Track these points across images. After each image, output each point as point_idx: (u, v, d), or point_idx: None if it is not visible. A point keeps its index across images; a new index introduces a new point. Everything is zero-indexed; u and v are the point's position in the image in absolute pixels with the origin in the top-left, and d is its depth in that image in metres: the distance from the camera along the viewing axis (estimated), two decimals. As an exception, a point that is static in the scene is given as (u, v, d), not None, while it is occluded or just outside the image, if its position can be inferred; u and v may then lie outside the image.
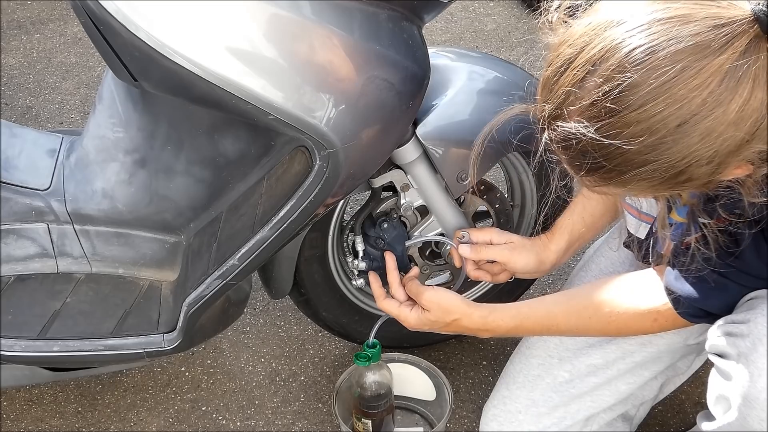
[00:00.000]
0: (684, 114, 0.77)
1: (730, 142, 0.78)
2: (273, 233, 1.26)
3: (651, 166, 0.81)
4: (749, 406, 0.95)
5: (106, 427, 1.60)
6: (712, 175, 0.82)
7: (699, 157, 0.79)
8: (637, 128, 0.79)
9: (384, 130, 1.20)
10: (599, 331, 1.19)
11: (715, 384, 1.02)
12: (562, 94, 0.84)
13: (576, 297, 1.19)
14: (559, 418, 1.30)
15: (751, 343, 0.96)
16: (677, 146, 0.79)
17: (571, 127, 0.82)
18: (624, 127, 0.80)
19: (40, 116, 2.50)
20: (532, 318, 1.20)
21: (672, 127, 0.78)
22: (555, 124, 0.85)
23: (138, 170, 1.34)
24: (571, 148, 0.85)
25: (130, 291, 1.38)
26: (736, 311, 1.02)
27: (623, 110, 0.79)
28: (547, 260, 1.37)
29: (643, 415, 1.40)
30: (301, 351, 1.75)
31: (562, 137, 0.84)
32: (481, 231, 1.38)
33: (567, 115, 0.83)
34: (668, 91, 0.77)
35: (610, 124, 0.80)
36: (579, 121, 0.82)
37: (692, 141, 0.78)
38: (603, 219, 1.37)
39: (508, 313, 1.22)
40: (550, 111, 0.86)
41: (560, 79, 0.84)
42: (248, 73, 1.07)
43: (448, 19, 2.94)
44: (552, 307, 1.20)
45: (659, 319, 1.11)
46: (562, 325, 1.18)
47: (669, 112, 0.78)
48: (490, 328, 1.22)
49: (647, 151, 0.80)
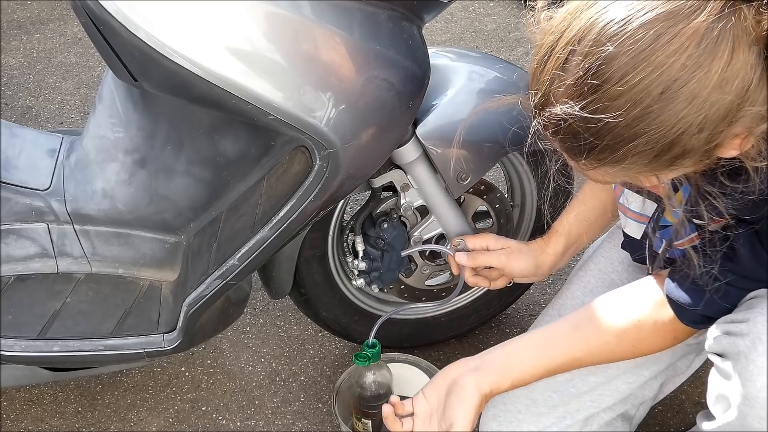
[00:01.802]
0: (665, 80, 0.77)
1: (719, 106, 0.78)
2: (273, 233, 1.26)
3: (642, 139, 0.81)
4: (749, 405, 0.95)
5: (106, 427, 1.60)
6: (707, 144, 0.81)
7: (689, 124, 0.79)
8: (621, 100, 0.79)
9: (384, 130, 1.20)
10: (624, 359, 1.18)
11: (714, 383, 1.02)
12: (547, 80, 0.85)
13: (593, 336, 1.15)
14: (558, 417, 1.30)
15: (750, 341, 0.96)
16: (664, 114, 0.79)
17: (559, 110, 0.83)
18: (609, 100, 0.80)
19: (40, 116, 2.50)
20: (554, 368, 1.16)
21: (656, 95, 0.78)
22: (544, 110, 0.86)
23: (138, 170, 1.34)
24: (561, 132, 0.85)
25: (130, 291, 1.38)
26: (736, 311, 1.02)
27: (605, 84, 0.79)
28: (544, 264, 1.37)
29: (643, 415, 1.40)
30: (301, 351, 1.75)
31: (552, 122, 0.85)
32: (478, 237, 1.39)
33: (554, 99, 0.84)
34: (647, 59, 0.78)
35: (594, 100, 0.80)
36: (565, 102, 0.82)
37: (678, 108, 0.78)
38: (599, 222, 1.37)
39: (529, 373, 1.15)
40: (539, 98, 0.86)
41: (545, 66, 0.85)
42: (248, 73, 1.07)
43: (448, 19, 2.94)
44: (572, 350, 1.15)
45: (679, 336, 1.11)
46: (586, 363, 1.17)
47: (650, 80, 0.78)
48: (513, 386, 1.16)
49: (635, 123, 0.80)
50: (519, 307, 1.83)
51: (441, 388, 1.15)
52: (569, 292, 1.39)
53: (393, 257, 1.49)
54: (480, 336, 1.78)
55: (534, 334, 1.19)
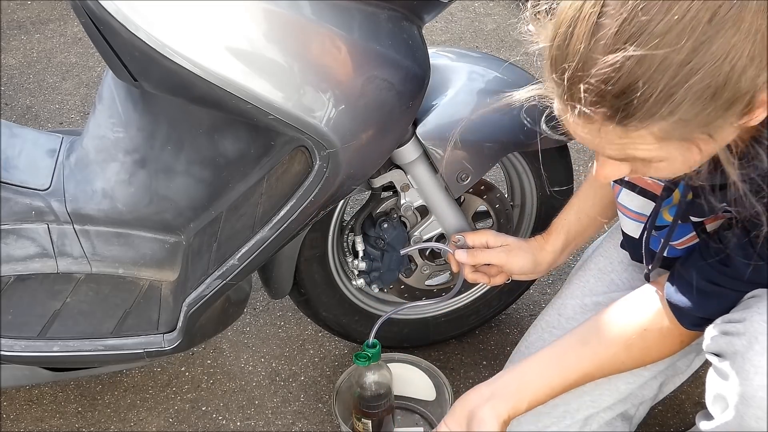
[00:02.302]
0: (710, 5, 0.77)
1: (762, 32, 0.78)
2: (273, 233, 1.26)
3: (699, 76, 0.78)
4: (746, 404, 0.95)
5: (106, 427, 1.60)
6: (755, 81, 0.80)
7: (740, 51, 0.78)
8: (672, 34, 0.78)
9: (384, 130, 1.20)
10: (634, 368, 1.20)
11: (712, 383, 1.02)
12: (582, 41, 0.82)
13: (602, 349, 1.15)
14: (558, 417, 1.30)
15: (747, 341, 0.96)
16: (717, 43, 0.78)
17: (609, 60, 0.80)
18: (660, 36, 0.78)
19: (40, 116, 2.50)
20: (568, 385, 1.17)
21: (705, 22, 0.77)
22: (587, 74, 0.82)
23: (138, 170, 1.34)
24: (612, 90, 0.81)
25: (130, 291, 1.38)
26: (733, 311, 1.03)
27: (653, 20, 0.78)
28: (543, 261, 1.37)
29: (643, 415, 1.40)
30: (301, 351, 1.75)
31: (601, 80, 0.81)
32: (477, 234, 1.39)
33: (597, 56, 0.81)
34: None
35: (646, 39, 0.78)
36: (614, 50, 0.79)
37: (729, 34, 0.77)
38: (599, 219, 1.37)
39: (544, 393, 1.16)
40: (576, 66, 0.83)
41: (572, 37, 0.83)
42: (248, 73, 1.07)
43: (448, 19, 2.94)
44: (582, 366, 1.16)
45: (685, 341, 1.12)
46: (597, 377, 1.18)
47: (697, 8, 0.77)
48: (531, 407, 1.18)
49: (691, 57, 0.78)
50: (519, 307, 1.83)
51: (461, 419, 1.16)
52: (569, 292, 1.39)
53: (393, 257, 1.49)
54: (480, 336, 1.78)
55: (543, 353, 1.20)
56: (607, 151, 0.89)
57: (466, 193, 1.50)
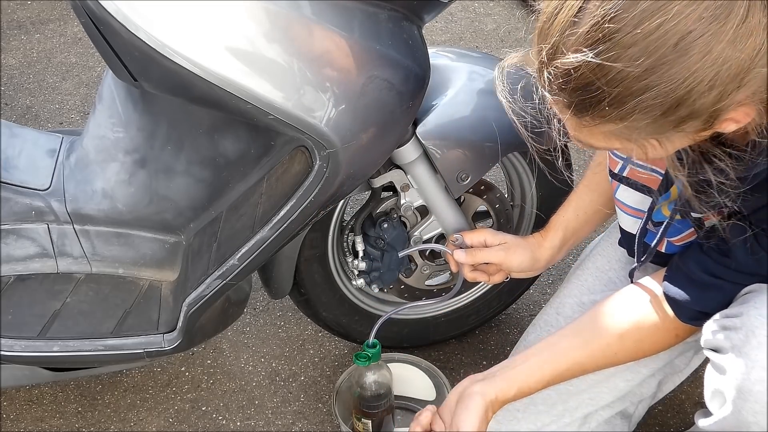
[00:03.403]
0: (681, 30, 0.77)
1: (731, 63, 0.78)
2: (273, 233, 1.26)
3: (652, 93, 0.80)
4: (743, 398, 0.95)
5: (106, 427, 1.60)
6: (714, 105, 0.80)
7: (700, 79, 0.78)
8: (635, 49, 0.78)
9: (384, 130, 1.20)
10: (627, 361, 1.19)
11: (710, 379, 1.02)
12: (558, 30, 0.84)
13: (595, 338, 1.16)
14: (557, 416, 1.30)
15: (744, 335, 0.96)
16: (677, 67, 0.78)
17: (571, 59, 0.82)
18: (623, 48, 0.79)
19: (40, 116, 2.50)
20: (559, 374, 1.17)
21: (670, 45, 0.78)
22: (553, 62, 0.85)
23: (138, 170, 1.34)
24: (570, 83, 0.84)
25: (130, 291, 1.38)
26: (731, 306, 1.03)
27: (620, 31, 0.79)
28: (541, 258, 1.37)
29: (642, 413, 1.40)
30: (301, 351, 1.75)
31: (562, 73, 0.84)
32: (475, 233, 1.38)
33: (565, 49, 0.83)
34: (664, 7, 0.77)
35: (608, 48, 0.80)
36: (578, 50, 0.81)
37: (692, 60, 0.78)
38: (597, 216, 1.37)
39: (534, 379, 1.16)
40: (547, 50, 0.85)
41: (556, 18, 0.84)
42: (248, 73, 1.07)
43: (448, 19, 2.94)
44: (574, 355, 1.16)
45: (680, 335, 1.12)
46: (590, 368, 1.17)
47: (666, 29, 0.77)
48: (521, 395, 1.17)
49: (647, 74, 0.79)
50: (519, 307, 1.83)
51: (452, 404, 1.17)
52: (567, 291, 1.39)
53: (393, 257, 1.49)
54: (480, 336, 1.78)
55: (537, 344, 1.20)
56: (571, 131, 0.91)
57: (466, 193, 1.50)
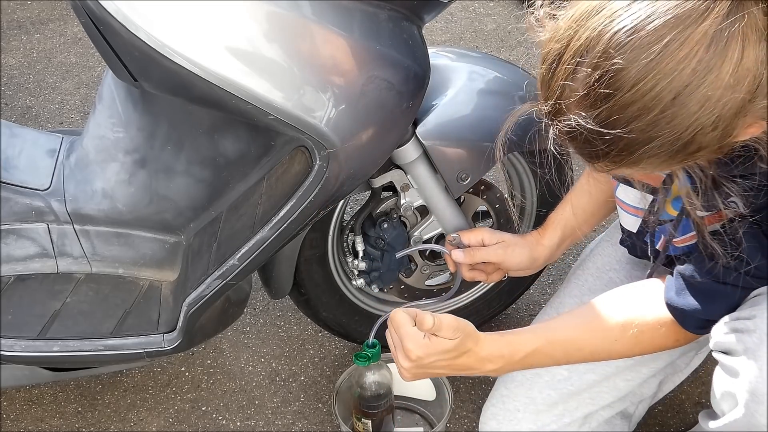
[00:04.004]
0: (676, 86, 0.77)
1: (731, 104, 0.78)
2: (273, 233, 1.26)
3: (657, 143, 0.81)
4: (757, 401, 0.95)
5: (106, 427, 1.60)
6: (722, 139, 0.81)
7: (702, 125, 0.79)
8: (633, 108, 0.79)
9: (384, 130, 1.20)
10: (623, 354, 1.16)
11: (720, 381, 1.01)
12: (557, 89, 0.84)
13: (596, 319, 1.14)
14: (557, 415, 1.30)
15: (758, 338, 0.96)
16: (678, 119, 0.79)
17: (572, 121, 0.83)
18: (620, 110, 0.80)
19: (40, 116, 2.50)
20: (554, 342, 1.14)
21: (667, 101, 0.78)
22: (557, 119, 0.86)
23: (138, 170, 1.34)
24: (576, 140, 0.85)
25: (130, 291, 1.38)
26: (740, 308, 1.02)
27: (616, 93, 0.79)
28: (540, 256, 1.37)
29: (642, 413, 1.40)
30: (301, 351, 1.75)
31: (566, 131, 0.85)
32: (473, 232, 1.38)
33: (566, 109, 0.84)
34: (656, 67, 0.77)
35: (606, 109, 0.80)
36: (577, 113, 0.82)
37: (691, 111, 0.78)
38: (595, 215, 1.37)
39: (524, 336, 1.15)
40: (550, 107, 0.86)
41: (554, 75, 0.85)
42: (248, 73, 1.07)
43: (448, 19, 2.94)
44: (572, 333, 1.15)
45: (681, 339, 1.11)
46: (585, 349, 1.14)
47: (661, 87, 0.78)
48: (505, 353, 1.13)
49: (649, 129, 0.80)
50: (519, 307, 1.83)
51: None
52: (568, 291, 1.39)
53: (393, 257, 1.49)
54: (480, 336, 1.78)
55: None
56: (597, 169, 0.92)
57: (466, 193, 1.50)
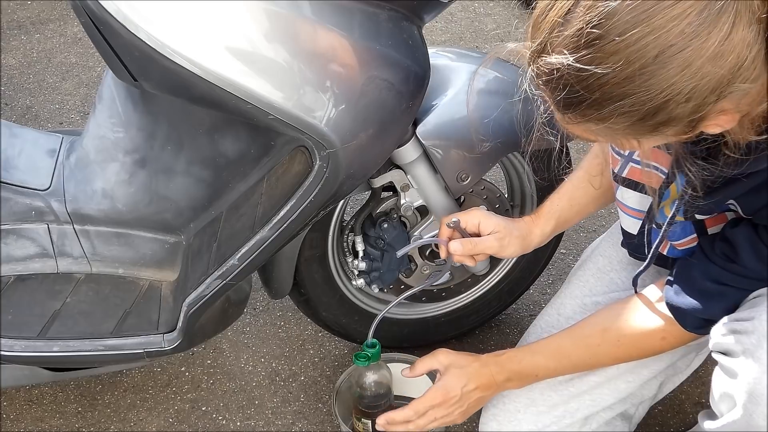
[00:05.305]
0: (662, 43, 0.78)
1: (710, 78, 0.78)
2: (273, 233, 1.26)
3: (629, 100, 0.81)
4: (755, 402, 0.95)
5: (106, 427, 1.60)
6: (692, 115, 0.82)
7: (677, 91, 0.79)
8: (616, 57, 0.79)
9: (384, 130, 1.20)
10: (611, 358, 1.20)
11: (719, 382, 1.02)
12: (547, 28, 0.85)
13: (580, 328, 1.21)
14: (557, 417, 1.30)
15: (756, 339, 0.96)
16: (655, 78, 0.79)
17: (554, 60, 0.83)
18: (604, 55, 0.80)
19: (40, 116, 2.50)
20: (543, 353, 1.22)
21: (650, 57, 0.78)
22: (540, 59, 0.86)
23: (138, 170, 1.34)
24: (553, 82, 0.85)
25: (130, 291, 1.38)
26: (740, 309, 1.02)
27: (603, 38, 0.79)
28: (531, 243, 1.37)
29: (642, 414, 1.41)
30: (301, 351, 1.75)
31: (546, 71, 0.85)
32: (469, 214, 1.36)
33: (551, 48, 0.84)
34: (647, 20, 0.78)
35: (590, 53, 0.81)
36: (561, 52, 0.83)
37: (670, 73, 0.78)
38: (589, 207, 1.37)
39: (518, 354, 1.24)
40: (536, 46, 0.86)
41: (547, 15, 0.85)
42: (248, 74, 1.07)
43: (448, 19, 2.94)
44: (560, 342, 1.21)
45: (667, 337, 1.12)
46: (573, 356, 1.20)
47: (647, 41, 0.78)
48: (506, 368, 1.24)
49: (625, 83, 0.80)
50: (519, 307, 1.83)
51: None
52: (568, 292, 1.39)
53: (393, 257, 1.49)
54: (480, 336, 1.78)
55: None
56: (559, 122, 0.92)
57: (466, 193, 1.50)
